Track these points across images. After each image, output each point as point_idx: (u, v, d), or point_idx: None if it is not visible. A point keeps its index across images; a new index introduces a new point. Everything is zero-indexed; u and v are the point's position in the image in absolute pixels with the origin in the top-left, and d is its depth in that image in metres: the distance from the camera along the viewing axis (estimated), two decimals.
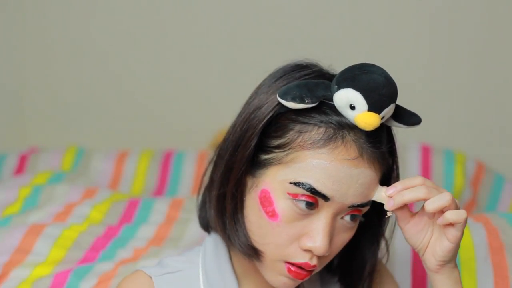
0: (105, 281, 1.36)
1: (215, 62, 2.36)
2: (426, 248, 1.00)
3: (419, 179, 0.98)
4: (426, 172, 1.95)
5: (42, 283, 1.36)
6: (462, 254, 1.40)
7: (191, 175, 1.99)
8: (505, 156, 2.22)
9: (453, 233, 0.97)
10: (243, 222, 1.04)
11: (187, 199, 1.69)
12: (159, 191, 2.03)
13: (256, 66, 1.11)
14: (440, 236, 0.99)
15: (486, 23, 2.22)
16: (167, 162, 2.08)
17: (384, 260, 1.19)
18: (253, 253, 1.03)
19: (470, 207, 1.90)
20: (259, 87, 1.05)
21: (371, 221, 1.08)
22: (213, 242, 1.12)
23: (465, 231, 1.45)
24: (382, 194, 0.99)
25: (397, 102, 1.05)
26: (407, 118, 1.02)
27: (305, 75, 1.02)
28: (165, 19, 2.36)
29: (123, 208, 1.66)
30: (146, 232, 1.57)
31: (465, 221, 0.96)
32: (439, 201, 0.95)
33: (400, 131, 1.06)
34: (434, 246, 0.99)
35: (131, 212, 1.65)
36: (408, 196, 0.97)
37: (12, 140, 2.48)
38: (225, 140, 1.07)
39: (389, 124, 1.02)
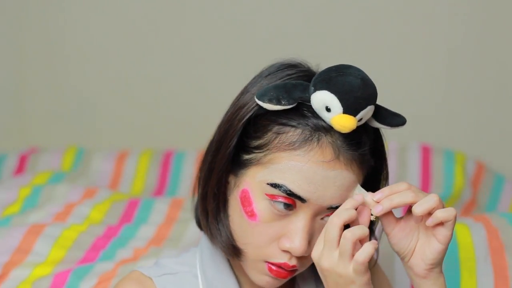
0: (105, 281, 1.36)
1: (215, 62, 2.36)
2: (413, 253, 0.99)
3: (404, 185, 0.97)
4: (426, 172, 1.95)
5: (42, 283, 1.36)
6: (462, 254, 1.40)
7: (191, 175, 1.99)
8: (505, 156, 2.22)
9: (443, 233, 0.96)
10: (226, 221, 1.04)
11: (187, 199, 1.70)
12: (159, 191, 2.03)
13: (257, 66, 1.10)
14: (428, 239, 0.98)
15: (486, 23, 2.22)
16: (167, 162, 2.08)
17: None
18: (234, 252, 1.04)
19: (470, 207, 1.90)
20: (246, 87, 1.06)
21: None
22: (209, 244, 1.11)
23: (465, 231, 1.46)
24: (368, 199, 0.98)
25: (396, 102, 1.05)
26: (390, 119, 1.01)
27: (288, 75, 1.02)
28: (164, 19, 2.36)
29: (123, 208, 1.66)
30: (146, 232, 1.57)
31: (455, 219, 0.96)
32: (426, 203, 0.95)
33: (400, 131, 1.06)
34: (423, 249, 0.98)
35: (131, 212, 1.66)
36: (396, 200, 0.96)
37: (12, 140, 2.48)
38: (212, 140, 1.07)
39: (372, 125, 1.02)
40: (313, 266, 1.04)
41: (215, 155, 1.04)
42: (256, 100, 0.98)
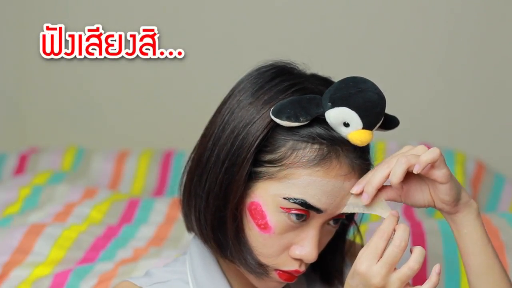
0: (105, 281, 1.36)
1: (215, 62, 2.36)
2: (433, 200, 1.00)
3: (371, 171, 0.99)
4: None
5: (42, 283, 1.36)
6: None
7: None
8: (505, 156, 2.22)
9: (439, 173, 0.96)
10: (246, 240, 1.02)
11: None
12: (159, 191, 2.03)
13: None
14: (434, 184, 0.99)
15: (485, 22, 2.22)
16: (167, 162, 2.08)
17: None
18: (262, 271, 1.02)
19: None
20: (239, 94, 1.04)
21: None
22: (199, 249, 1.10)
23: None
24: (349, 199, 1.00)
25: (396, 102, 1.05)
26: (389, 123, 1.03)
27: (290, 86, 1.01)
28: (163, 18, 2.36)
29: (123, 208, 1.67)
30: (146, 232, 1.57)
31: (442, 156, 0.96)
32: (399, 169, 0.95)
33: (400, 131, 1.06)
34: (436, 194, 0.99)
35: (131, 212, 1.66)
36: (376, 179, 0.97)
37: (12, 140, 2.48)
38: (210, 149, 1.05)
39: None
40: None
41: (228, 174, 1.00)
42: (273, 117, 0.97)
